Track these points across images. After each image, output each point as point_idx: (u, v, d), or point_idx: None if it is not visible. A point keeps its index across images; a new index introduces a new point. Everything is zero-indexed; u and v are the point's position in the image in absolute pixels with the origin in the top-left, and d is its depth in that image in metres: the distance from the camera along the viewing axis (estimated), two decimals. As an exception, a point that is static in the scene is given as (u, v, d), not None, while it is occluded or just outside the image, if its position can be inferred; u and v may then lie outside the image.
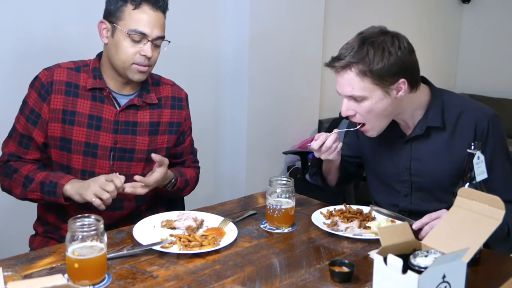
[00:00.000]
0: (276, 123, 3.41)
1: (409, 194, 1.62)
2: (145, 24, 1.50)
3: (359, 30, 1.53)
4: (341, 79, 1.47)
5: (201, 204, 1.71)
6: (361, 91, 1.44)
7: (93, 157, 1.58)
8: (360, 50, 1.42)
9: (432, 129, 1.55)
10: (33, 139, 1.57)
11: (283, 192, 1.50)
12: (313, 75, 3.61)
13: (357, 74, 1.43)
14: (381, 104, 1.46)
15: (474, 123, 1.50)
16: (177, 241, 1.34)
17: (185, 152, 1.80)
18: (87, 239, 1.12)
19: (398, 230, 1.08)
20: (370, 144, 1.71)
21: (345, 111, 1.51)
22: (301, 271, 1.24)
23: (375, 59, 1.41)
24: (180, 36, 2.92)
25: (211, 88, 3.20)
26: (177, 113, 1.72)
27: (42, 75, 1.57)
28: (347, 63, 1.43)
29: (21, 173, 1.54)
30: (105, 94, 1.58)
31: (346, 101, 1.50)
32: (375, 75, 1.41)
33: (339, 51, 1.48)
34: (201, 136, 2.39)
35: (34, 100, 1.56)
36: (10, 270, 1.08)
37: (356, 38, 1.48)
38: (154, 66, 1.60)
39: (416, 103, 1.54)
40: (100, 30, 1.57)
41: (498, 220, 1.03)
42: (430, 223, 1.39)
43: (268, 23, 3.19)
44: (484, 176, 1.29)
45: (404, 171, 1.61)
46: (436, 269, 0.92)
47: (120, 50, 1.52)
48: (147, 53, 1.51)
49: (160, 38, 1.55)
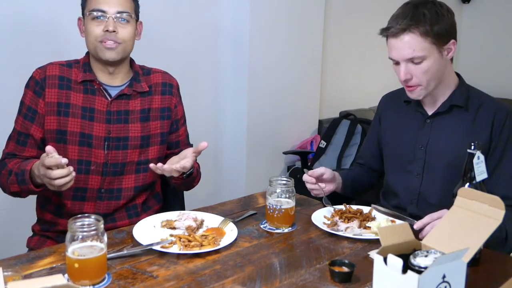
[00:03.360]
0: (276, 123, 3.41)
1: (421, 174, 1.66)
2: (102, 2, 1.55)
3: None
4: (399, 43, 1.52)
5: (201, 204, 1.71)
6: (421, 51, 1.50)
7: (89, 147, 1.60)
8: (417, 13, 1.50)
9: (455, 108, 1.62)
10: (30, 135, 1.59)
11: (283, 192, 1.51)
12: (313, 75, 3.61)
13: (419, 34, 1.49)
14: (437, 64, 1.54)
15: (493, 114, 1.58)
16: (177, 241, 1.34)
17: (181, 142, 1.81)
18: (87, 239, 1.12)
19: (398, 230, 1.08)
20: (391, 127, 1.78)
21: (404, 75, 1.55)
22: (301, 271, 1.24)
23: (433, 20, 1.49)
24: (180, 36, 2.94)
25: (211, 88, 3.20)
26: (168, 99, 1.75)
27: (35, 73, 1.61)
28: (407, 25, 1.50)
29: (7, 168, 1.54)
30: (95, 87, 1.62)
31: (404, 65, 1.54)
32: (435, 34, 1.50)
33: (391, 21, 1.56)
34: (201, 136, 2.39)
35: (30, 98, 1.59)
36: (10, 270, 1.08)
37: (406, 6, 1.55)
38: (128, 46, 1.61)
39: (450, 77, 1.62)
40: (79, 27, 1.64)
41: (498, 220, 1.03)
42: (431, 223, 1.39)
43: (268, 23, 3.19)
44: (484, 176, 1.29)
45: (420, 149, 1.66)
46: (436, 269, 0.92)
47: (87, 32, 1.58)
48: (109, 27, 1.55)
49: (123, 13, 1.58)
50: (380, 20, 1.68)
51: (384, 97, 1.89)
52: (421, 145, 1.66)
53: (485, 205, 1.07)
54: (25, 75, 1.63)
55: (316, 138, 3.59)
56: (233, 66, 3.21)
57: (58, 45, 2.41)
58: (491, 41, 5.08)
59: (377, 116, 1.87)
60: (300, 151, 3.46)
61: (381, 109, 1.86)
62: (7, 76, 2.30)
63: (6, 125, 1.67)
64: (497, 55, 4.99)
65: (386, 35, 1.57)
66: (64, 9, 2.38)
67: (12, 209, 1.65)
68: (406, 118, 1.72)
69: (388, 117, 1.80)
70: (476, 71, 5.01)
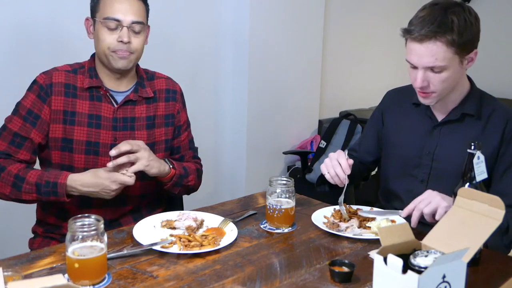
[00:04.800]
0: (276, 123, 3.41)
1: (426, 181, 1.63)
2: (117, 11, 1.53)
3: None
4: (422, 49, 1.43)
5: (201, 204, 1.71)
6: (443, 61, 1.43)
7: (95, 155, 1.60)
8: (445, 20, 1.41)
9: (466, 117, 1.58)
10: (28, 139, 1.56)
11: (283, 192, 1.50)
12: (313, 75, 3.61)
13: (444, 43, 1.41)
14: (456, 74, 1.48)
15: (505, 122, 1.54)
16: (177, 241, 1.34)
17: (183, 148, 1.80)
18: (87, 239, 1.12)
19: (398, 230, 1.08)
20: (396, 127, 1.73)
21: (421, 83, 1.47)
22: (301, 271, 1.24)
23: (461, 29, 1.41)
24: (180, 36, 2.94)
25: (211, 88, 3.20)
26: (172, 105, 1.74)
27: (40, 78, 1.59)
28: (434, 33, 1.40)
29: (9, 172, 1.51)
30: (102, 93, 1.61)
31: (422, 72, 1.46)
32: (461, 45, 1.42)
33: (416, 22, 1.44)
34: (201, 136, 2.39)
35: (32, 102, 1.57)
36: (10, 270, 1.08)
37: (433, 8, 1.44)
38: (139, 54, 1.61)
39: (462, 83, 1.57)
40: (87, 28, 1.62)
41: (498, 220, 1.03)
42: (417, 207, 1.41)
43: (268, 23, 3.20)
44: (484, 176, 1.29)
45: (427, 155, 1.62)
46: (436, 269, 0.92)
47: (99, 39, 1.56)
48: (123, 38, 1.53)
49: (137, 23, 1.56)
50: (380, 21, 1.67)
51: (389, 93, 1.84)
52: (428, 151, 1.62)
53: (485, 205, 1.07)
54: (25, 76, 1.63)
55: (316, 138, 3.59)
56: (233, 66, 3.21)
57: (58, 46, 2.41)
58: (491, 41, 5.07)
59: (379, 111, 1.82)
60: (300, 151, 3.46)
61: (385, 106, 1.80)
62: (7, 77, 2.29)
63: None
64: (497, 55, 4.99)
65: (407, 38, 1.48)
66: (65, 10, 2.39)
67: (12, 209, 1.65)
68: (414, 121, 1.67)
69: (393, 117, 1.75)
70: (476, 71, 5.01)
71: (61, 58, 1.73)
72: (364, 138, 1.90)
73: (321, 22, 3.57)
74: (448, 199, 1.40)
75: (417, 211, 1.41)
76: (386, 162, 1.79)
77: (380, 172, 1.86)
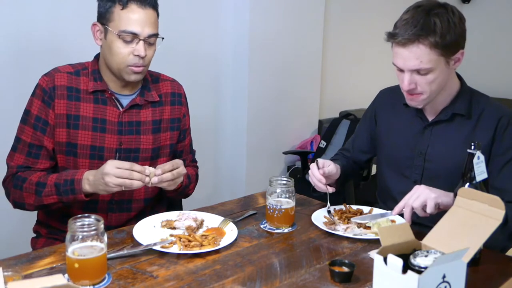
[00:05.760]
0: (276, 123, 3.41)
1: (419, 181, 1.63)
2: (134, 24, 1.48)
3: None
4: (406, 52, 1.44)
5: (201, 204, 1.71)
6: (429, 64, 1.44)
7: (100, 159, 1.57)
8: (427, 22, 1.41)
9: (456, 116, 1.58)
10: (43, 147, 1.54)
11: (283, 192, 1.50)
12: (313, 75, 3.61)
13: (427, 46, 1.42)
14: (443, 75, 1.49)
15: (497, 119, 1.54)
16: (177, 241, 1.34)
17: (185, 151, 1.80)
18: (87, 239, 1.12)
19: (398, 230, 1.08)
20: (388, 128, 1.74)
21: (408, 85, 1.49)
22: (301, 271, 1.24)
23: (444, 30, 1.41)
24: (180, 36, 2.93)
25: (211, 88, 3.20)
26: (177, 109, 1.73)
27: (42, 81, 1.55)
28: (416, 36, 1.41)
29: (31, 181, 1.50)
30: (107, 96, 1.58)
31: (408, 75, 1.48)
32: (445, 46, 1.42)
33: (399, 25, 1.45)
34: (201, 136, 2.39)
35: (39, 108, 1.54)
36: (10, 270, 1.08)
37: (416, 10, 1.45)
38: (150, 65, 1.59)
39: (451, 83, 1.57)
40: (94, 33, 1.56)
41: (498, 220, 1.03)
42: (406, 204, 1.42)
43: (268, 23, 3.19)
44: (484, 176, 1.29)
45: (419, 156, 1.62)
46: (436, 269, 0.92)
47: (113, 52, 1.50)
48: (140, 53, 1.50)
49: (153, 36, 1.53)
50: (380, 21, 1.67)
51: (382, 92, 1.84)
52: (420, 151, 1.62)
53: (485, 205, 1.07)
54: (23, 75, 1.62)
55: (316, 138, 3.59)
56: (233, 66, 3.21)
57: (57, 49, 2.40)
58: (491, 41, 5.08)
59: (372, 110, 1.82)
60: (300, 151, 3.46)
61: (378, 105, 1.81)
62: (7, 80, 2.29)
63: (6, 131, 1.64)
64: (497, 55, 4.99)
65: (391, 42, 1.48)
66: (64, 14, 2.38)
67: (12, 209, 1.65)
68: (406, 122, 1.68)
69: (385, 117, 1.76)
70: (476, 71, 5.02)
71: (61, 61, 1.72)
72: (357, 138, 1.90)
73: (321, 22, 3.57)
74: (436, 191, 1.41)
75: (407, 208, 1.42)
76: (380, 162, 1.80)
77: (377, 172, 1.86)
